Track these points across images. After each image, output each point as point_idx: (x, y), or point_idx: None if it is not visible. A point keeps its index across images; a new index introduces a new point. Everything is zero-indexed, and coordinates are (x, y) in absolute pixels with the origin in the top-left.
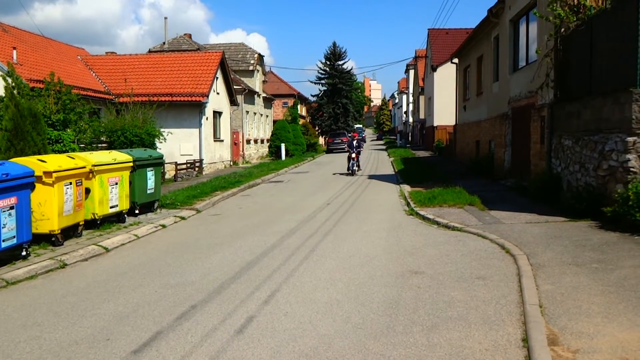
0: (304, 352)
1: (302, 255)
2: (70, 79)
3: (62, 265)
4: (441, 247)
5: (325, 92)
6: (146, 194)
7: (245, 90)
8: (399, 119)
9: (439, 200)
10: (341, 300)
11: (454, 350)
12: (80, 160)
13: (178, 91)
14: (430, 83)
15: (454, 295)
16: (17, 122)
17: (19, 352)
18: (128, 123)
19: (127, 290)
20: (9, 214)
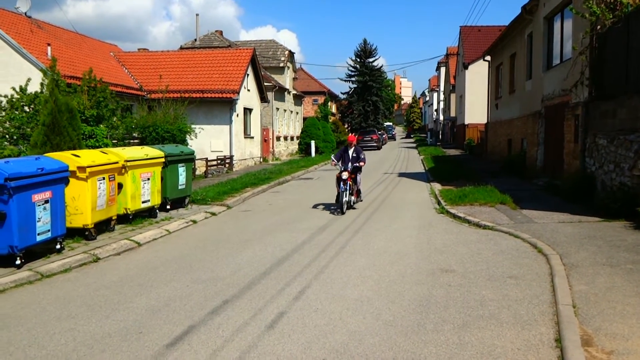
0: (334, 348)
1: (332, 252)
2: (104, 75)
3: (95, 259)
4: (472, 245)
5: (355, 90)
6: (177, 189)
7: (275, 87)
8: (430, 117)
9: (470, 198)
10: (371, 297)
11: (485, 349)
12: (113, 155)
13: (209, 88)
14: (461, 81)
15: (485, 294)
16: (55, 117)
17: (53, 344)
18: (160, 119)
19: (159, 284)
20: (43, 208)
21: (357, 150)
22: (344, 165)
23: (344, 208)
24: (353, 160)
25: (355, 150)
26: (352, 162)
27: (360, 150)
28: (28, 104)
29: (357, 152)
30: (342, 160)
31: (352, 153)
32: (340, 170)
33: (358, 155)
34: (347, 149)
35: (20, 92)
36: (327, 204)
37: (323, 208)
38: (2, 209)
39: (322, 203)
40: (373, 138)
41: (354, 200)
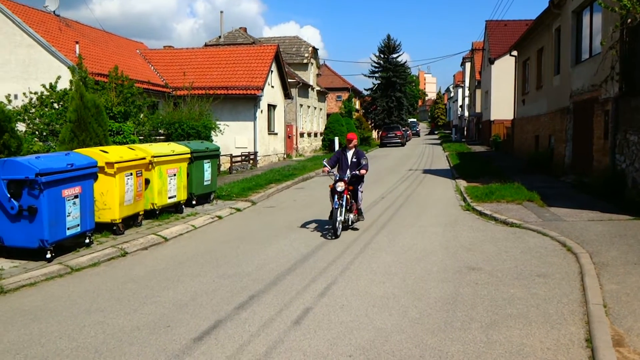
0: (360, 345)
1: (357, 249)
2: (130, 72)
3: (123, 253)
4: (499, 243)
5: (379, 86)
6: (203, 185)
7: (299, 83)
8: (454, 113)
9: (496, 195)
10: (397, 294)
11: (514, 348)
12: (140, 151)
13: (233, 84)
14: (487, 76)
15: (514, 292)
16: (81, 113)
17: (83, 337)
18: (185, 116)
19: (186, 279)
20: (73, 203)
21: (359, 154)
22: (340, 172)
23: (337, 229)
24: (352, 166)
25: (356, 154)
26: (351, 169)
27: (362, 154)
28: (57, 100)
29: (358, 156)
30: (338, 166)
31: (352, 157)
32: (335, 180)
33: (359, 159)
34: (344, 151)
35: (50, 89)
36: None
37: None
38: (33, 204)
39: None
40: (397, 134)
41: (352, 219)
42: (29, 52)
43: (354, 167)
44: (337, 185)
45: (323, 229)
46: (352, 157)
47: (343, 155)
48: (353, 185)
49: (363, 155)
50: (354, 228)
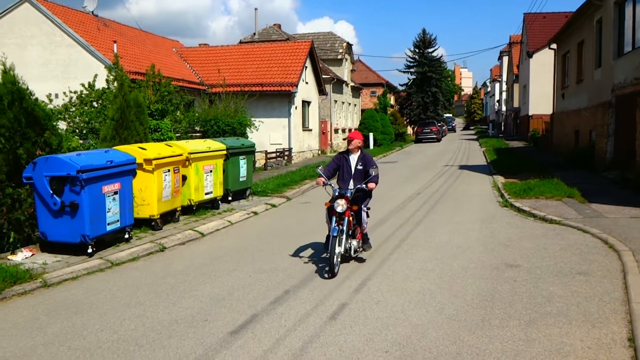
0: (396, 341)
1: (392, 245)
2: (167, 70)
3: (161, 248)
4: (538, 240)
5: (414, 81)
6: (239, 181)
7: (333, 79)
8: (491, 108)
9: (535, 192)
10: (434, 290)
11: (553, 346)
12: (178, 148)
13: (268, 81)
14: (525, 70)
15: (553, 290)
16: (124, 111)
17: (124, 329)
18: (220, 113)
19: (223, 274)
20: (113, 199)
21: (365, 159)
22: (340, 184)
23: (335, 266)
24: (357, 176)
25: (362, 160)
26: (355, 180)
27: (370, 160)
28: (96, 99)
29: (365, 163)
30: (338, 176)
31: (356, 163)
32: (333, 196)
33: (366, 167)
34: (346, 156)
35: (89, 88)
36: (390, 196)
37: (383, 201)
38: (74, 200)
39: (385, 196)
40: (432, 130)
41: (355, 247)
42: (69, 52)
43: (359, 178)
44: (337, 205)
45: None
46: (356, 164)
47: (344, 161)
48: (357, 203)
49: (372, 162)
50: (358, 259)
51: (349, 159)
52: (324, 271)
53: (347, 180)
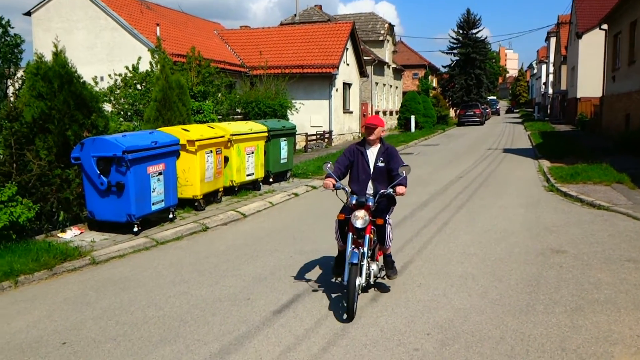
0: (438, 324)
1: (434, 228)
2: (208, 53)
3: (204, 228)
4: (585, 226)
5: (457, 63)
6: (279, 163)
7: (374, 61)
8: (537, 91)
9: (582, 176)
10: (476, 275)
11: (600, 334)
12: (220, 129)
13: (309, 63)
14: (574, 51)
15: (601, 277)
16: (166, 93)
17: (169, 306)
18: (261, 95)
19: (264, 254)
20: (157, 179)
21: (389, 153)
22: (353, 187)
23: (354, 304)
24: (377, 176)
25: (385, 154)
26: (375, 182)
27: (395, 155)
28: (140, 81)
29: (389, 158)
30: (351, 177)
31: (376, 159)
32: (349, 204)
33: (389, 164)
34: (362, 149)
35: (133, 70)
36: (435, 180)
37: (425, 184)
38: (120, 180)
39: (426, 180)
40: (476, 113)
41: (375, 272)
42: (113, 35)
43: (379, 179)
44: (356, 218)
45: (398, 207)
46: (376, 160)
47: (360, 157)
48: (381, 214)
49: (398, 158)
50: (381, 287)
51: (365, 154)
52: (341, 311)
53: (364, 181)
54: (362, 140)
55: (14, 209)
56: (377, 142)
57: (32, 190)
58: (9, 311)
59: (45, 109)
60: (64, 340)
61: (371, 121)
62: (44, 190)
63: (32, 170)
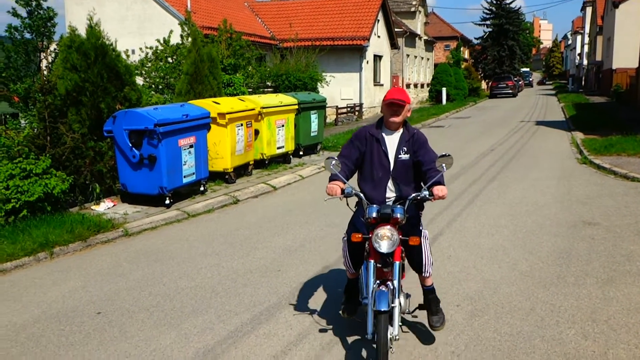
0: (468, 295)
1: (465, 201)
2: (238, 25)
3: (235, 201)
4: (619, 198)
5: (489, 34)
6: (310, 136)
7: (406, 32)
8: (572, 62)
9: (616, 148)
10: (507, 247)
11: (632, 305)
12: (250, 102)
13: (339, 35)
14: (610, 21)
15: (633, 249)
16: (198, 66)
17: (201, 277)
18: (292, 67)
19: (294, 226)
20: (188, 152)
21: (417, 142)
22: (368, 189)
23: None
24: (399, 173)
25: (411, 142)
26: (398, 181)
27: (425, 143)
28: (171, 55)
29: (418, 146)
30: (361, 175)
31: (400, 150)
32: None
33: (418, 154)
34: (378, 134)
35: (164, 43)
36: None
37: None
38: (152, 152)
39: (457, 153)
40: (508, 85)
41: (403, 306)
42: (144, 8)
43: (404, 177)
44: (380, 239)
45: None
46: (398, 150)
47: (375, 146)
48: (413, 230)
49: (430, 148)
50: (417, 331)
51: (383, 141)
52: None
53: (381, 181)
54: (378, 122)
55: (48, 181)
56: (398, 126)
57: (66, 163)
58: (45, 281)
59: (79, 82)
60: (98, 310)
61: (396, 96)
62: (77, 163)
63: (65, 143)
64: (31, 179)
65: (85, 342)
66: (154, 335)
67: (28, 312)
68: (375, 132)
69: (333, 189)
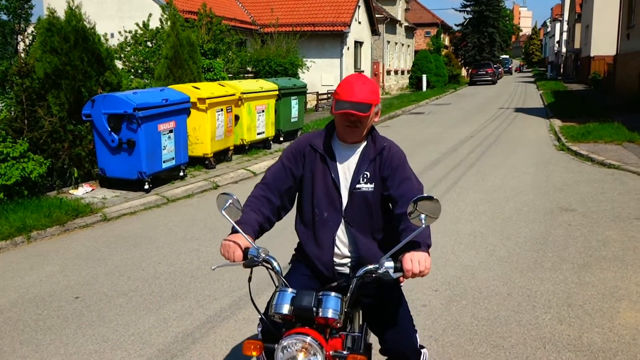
0: (446, 281)
1: (444, 187)
2: (219, 10)
3: (214, 186)
4: (595, 184)
5: (470, 21)
6: (290, 122)
7: (387, 19)
8: (550, 49)
9: (593, 135)
10: (485, 233)
11: (607, 290)
12: (230, 88)
13: (320, 21)
14: (588, 9)
15: (609, 234)
16: (177, 50)
17: (180, 262)
18: (272, 53)
19: None
20: (168, 137)
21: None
22: (312, 247)
23: None
24: (358, 211)
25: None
26: (356, 232)
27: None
28: (150, 39)
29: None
30: (299, 217)
31: (359, 175)
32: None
33: (391, 182)
34: (326, 147)
35: (143, 27)
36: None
37: (435, 143)
38: (131, 137)
39: (437, 139)
40: (488, 72)
41: None
42: None
43: (364, 219)
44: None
45: None
46: (356, 178)
47: (320, 166)
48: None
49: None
50: None
51: (332, 161)
52: None
53: (329, 230)
54: (329, 127)
55: (25, 164)
56: (361, 136)
57: (44, 146)
58: (22, 266)
59: (59, 65)
60: (76, 295)
61: (357, 96)
62: (55, 146)
63: (43, 127)
64: (8, 163)
65: (63, 327)
66: (133, 319)
67: (5, 297)
68: (321, 145)
69: (229, 249)
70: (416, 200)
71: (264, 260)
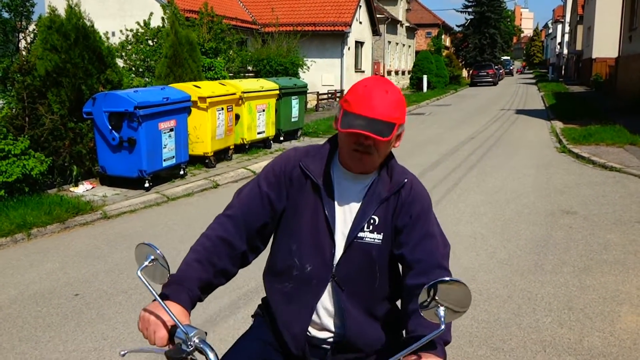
0: None
1: (444, 188)
2: (220, 9)
3: (215, 185)
4: (597, 187)
5: (471, 22)
6: (290, 121)
7: (388, 19)
8: (552, 51)
9: (595, 138)
10: (485, 235)
11: (608, 293)
12: (231, 87)
13: (321, 20)
14: (591, 10)
15: (610, 238)
16: (176, 49)
17: (180, 261)
18: (273, 52)
19: None
20: (169, 135)
21: (408, 202)
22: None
23: None
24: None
25: (395, 202)
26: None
27: (423, 211)
28: (151, 37)
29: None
30: (272, 258)
31: (363, 218)
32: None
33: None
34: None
35: (144, 26)
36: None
37: (436, 144)
38: (132, 135)
39: (437, 140)
40: (489, 73)
41: None
42: None
43: (363, 283)
44: None
45: (408, 168)
46: (359, 222)
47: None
48: None
49: (433, 227)
50: None
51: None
52: None
53: (311, 285)
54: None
55: (26, 162)
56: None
57: (45, 144)
58: (22, 263)
59: (60, 63)
60: (76, 292)
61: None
62: (56, 144)
63: (44, 124)
64: (9, 160)
65: (62, 324)
66: (132, 318)
67: (5, 293)
68: (316, 169)
69: (149, 327)
70: (432, 286)
71: (196, 348)
